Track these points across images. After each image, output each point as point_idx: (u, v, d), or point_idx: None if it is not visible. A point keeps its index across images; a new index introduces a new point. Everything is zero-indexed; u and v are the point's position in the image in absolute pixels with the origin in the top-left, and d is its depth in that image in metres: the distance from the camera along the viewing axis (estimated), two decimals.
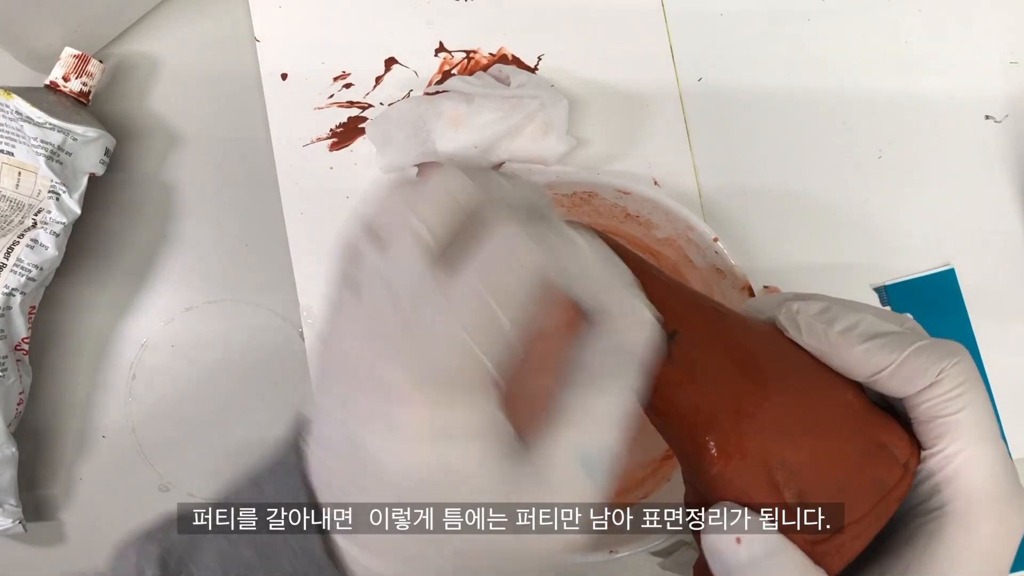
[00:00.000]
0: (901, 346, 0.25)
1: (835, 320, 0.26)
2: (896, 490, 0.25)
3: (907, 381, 0.25)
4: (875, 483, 0.25)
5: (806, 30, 0.48)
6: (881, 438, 0.26)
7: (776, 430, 0.25)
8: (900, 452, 0.26)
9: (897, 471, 0.25)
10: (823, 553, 0.25)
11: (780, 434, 0.25)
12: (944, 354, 0.25)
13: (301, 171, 0.46)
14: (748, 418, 0.25)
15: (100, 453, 0.46)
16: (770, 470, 0.25)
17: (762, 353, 0.27)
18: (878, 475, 0.25)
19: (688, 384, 0.26)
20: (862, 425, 0.26)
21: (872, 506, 0.25)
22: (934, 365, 0.25)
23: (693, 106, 0.47)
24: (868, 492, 0.25)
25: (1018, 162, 0.48)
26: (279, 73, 0.47)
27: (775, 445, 0.25)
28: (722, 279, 0.41)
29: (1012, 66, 0.48)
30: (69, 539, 0.46)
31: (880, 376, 0.25)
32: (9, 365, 0.42)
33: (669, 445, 0.29)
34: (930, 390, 0.25)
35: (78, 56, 0.43)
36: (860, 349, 0.26)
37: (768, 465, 0.25)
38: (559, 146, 0.44)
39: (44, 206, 0.42)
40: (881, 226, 0.47)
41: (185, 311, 0.47)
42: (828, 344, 0.26)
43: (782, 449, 0.25)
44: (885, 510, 0.25)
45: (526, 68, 0.47)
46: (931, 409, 0.25)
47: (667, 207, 0.39)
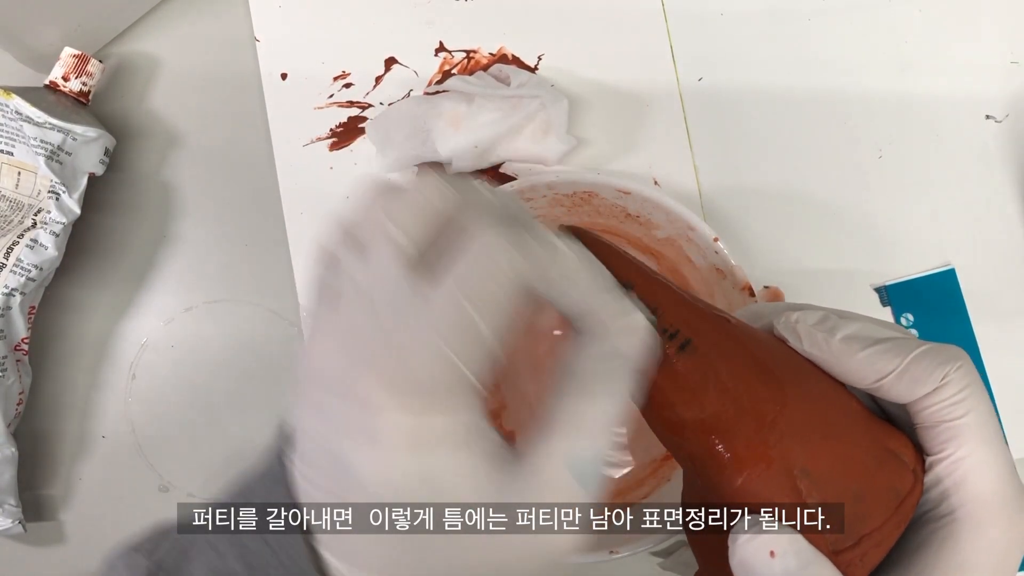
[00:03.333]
0: (903, 351, 0.25)
1: (835, 328, 0.26)
2: (911, 497, 0.25)
3: (911, 386, 0.25)
4: (891, 490, 0.25)
5: (806, 30, 0.48)
6: (891, 445, 0.25)
7: (797, 438, 0.25)
8: (910, 458, 0.25)
9: (908, 477, 0.25)
10: (847, 563, 0.24)
11: (801, 442, 0.25)
12: (946, 358, 0.25)
13: (301, 171, 0.46)
14: (769, 426, 0.25)
15: (100, 453, 0.46)
16: (794, 479, 0.25)
17: (773, 360, 0.27)
18: (892, 482, 0.25)
19: (705, 393, 0.26)
20: (874, 433, 0.26)
21: (891, 513, 0.25)
22: (937, 369, 0.24)
23: (693, 106, 0.47)
24: (885, 499, 0.25)
25: (1018, 162, 0.48)
26: (279, 73, 0.47)
27: (797, 453, 0.25)
28: (722, 279, 0.41)
29: (1012, 66, 0.48)
30: (69, 539, 0.46)
31: (883, 382, 0.25)
32: (9, 365, 0.42)
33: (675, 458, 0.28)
34: (934, 395, 0.25)
35: (78, 56, 0.43)
36: (862, 356, 0.25)
37: (791, 474, 0.25)
38: (559, 146, 0.44)
39: (44, 206, 0.42)
40: (881, 226, 0.47)
41: (185, 311, 0.47)
42: (830, 353, 0.26)
43: (803, 457, 0.25)
44: (903, 517, 0.25)
45: (526, 68, 0.47)
46: (936, 414, 0.25)
47: (667, 207, 0.39)
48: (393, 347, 0.20)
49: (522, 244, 0.22)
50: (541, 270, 0.22)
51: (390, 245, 0.22)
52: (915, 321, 0.47)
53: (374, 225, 0.22)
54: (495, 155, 0.45)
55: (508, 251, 0.21)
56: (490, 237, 0.21)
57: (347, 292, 0.22)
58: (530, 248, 0.22)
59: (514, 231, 0.22)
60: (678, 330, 0.26)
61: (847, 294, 0.47)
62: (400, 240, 0.22)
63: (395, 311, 0.21)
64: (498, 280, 0.21)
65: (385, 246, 0.22)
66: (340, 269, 0.22)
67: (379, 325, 0.21)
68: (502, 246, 0.21)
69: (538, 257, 0.22)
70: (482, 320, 0.21)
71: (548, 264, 0.23)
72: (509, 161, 0.46)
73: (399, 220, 0.22)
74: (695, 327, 0.27)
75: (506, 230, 0.22)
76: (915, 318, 0.47)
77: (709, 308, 0.28)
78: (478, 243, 0.21)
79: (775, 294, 0.47)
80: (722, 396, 0.26)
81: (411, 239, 0.22)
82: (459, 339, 0.20)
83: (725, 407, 0.26)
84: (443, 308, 0.21)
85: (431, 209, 0.22)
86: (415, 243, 0.22)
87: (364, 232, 0.22)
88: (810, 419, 0.25)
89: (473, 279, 0.21)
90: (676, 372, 0.26)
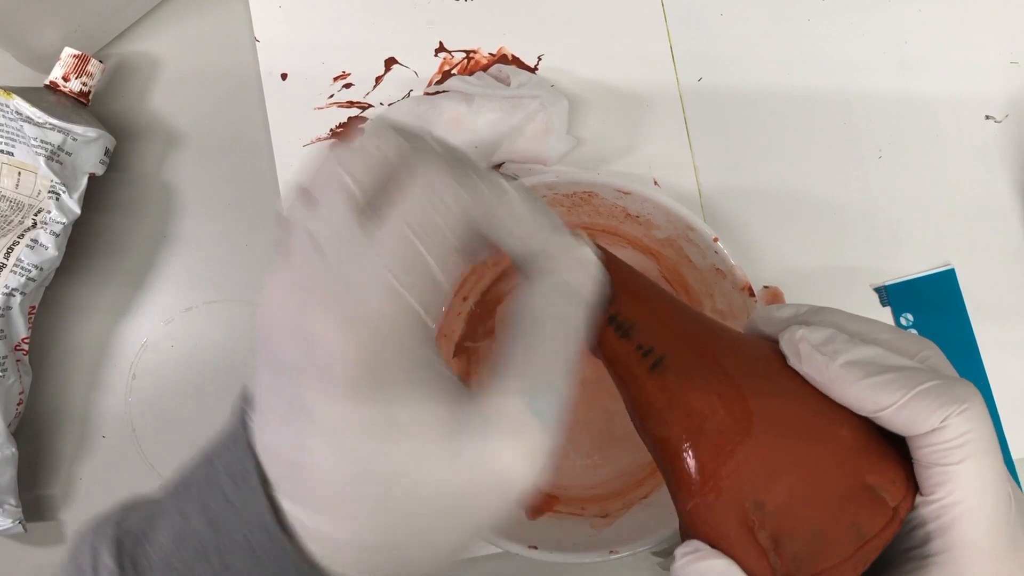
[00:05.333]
0: (906, 386, 0.24)
1: (838, 353, 0.25)
2: (877, 539, 0.24)
3: (908, 424, 0.24)
4: (854, 529, 0.24)
5: (806, 30, 0.48)
6: (871, 480, 0.25)
7: (754, 471, 0.25)
8: (893, 494, 0.24)
9: (881, 518, 0.24)
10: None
11: (758, 475, 0.25)
12: (950, 399, 0.23)
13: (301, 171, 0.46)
14: (727, 455, 0.25)
15: (100, 453, 0.46)
16: (745, 511, 0.24)
17: (752, 384, 0.26)
18: (859, 521, 0.24)
19: (672, 413, 0.26)
20: (851, 466, 0.25)
21: (850, 554, 0.24)
22: (938, 411, 0.23)
23: (693, 106, 0.47)
24: (846, 538, 0.24)
25: (1018, 162, 0.48)
26: (279, 73, 0.47)
27: (751, 486, 0.24)
28: (722, 279, 0.41)
29: (1012, 66, 0.48)
30: (69, 539, 0.46)
31: (882, 414, 0.24)
32: (9, 365, 0.42)
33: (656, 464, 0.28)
34: (932, 435, 0.24)
35: (78, 56, 0.43)
36: (862, 385, 0.24)
37: (742, 506, 0.24)
38: (559, 146, 0.44)
39: (44, 206, 0.42)
40: (881, 226, 0.47)
41: (185, 311, 0.47)
42: (827, 378, 0.25)
43: (758, 490, 0.24)
44: (863, 558, 0.24)
45: (526, 68, 0.47)
46: (931, 455, 0.24)
47: (667, 207, 0.39)
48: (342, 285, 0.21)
49: (467, 182, 0.22)
50: (486, 207, 0.23)
51: (340, 192, 0.22)
52: (915, 321, 0.47)
53: (326, 176, 0.22)
54: (495, 155, 0.45)
55: (452, 186, 0.22)
56: (434, 174, 0.22)
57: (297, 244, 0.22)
58: (476, 186, 0.22)
59: (459, 170, 0.22)
60: (652, 347, 0.26)
61: (847, 294, 0.47)
62: (349, 185, 0.22)
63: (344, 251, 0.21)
64: (443, 213, 0.21)
65: (336, 194, 0.22)
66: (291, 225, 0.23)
67: (328, 267, 0.21)
68: (446, 182, 0.22)
69: (483, 194, 0.23)
70: (428, 253, 0.21)
71: (494, 202, 0.23)
72: (509, 161, 0.46)
73: (350, 169, 0.22)
74: (670, 346, 0.26)
75: (451, 168, 0.22)
76: (915, 318, 0.47)
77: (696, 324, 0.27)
78: (423, 179, 0.22)
79: (775, 294, 0.47)
80: (686, 419, 0.25)
81: (360, 186, 0.22)
82: (407, 272, 0.21)
83: (688, 430, 0.25)
84: (390, 242, 0.21)
85: (381, 157, 0.22)
86: (364, 189, 0.22)
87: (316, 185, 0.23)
88: (775, 452, 0.25)
89: (418, 212, 0.21)
90: (646, 389, 0.26)
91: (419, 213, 0.21)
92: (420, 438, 0.21)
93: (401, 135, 0.23)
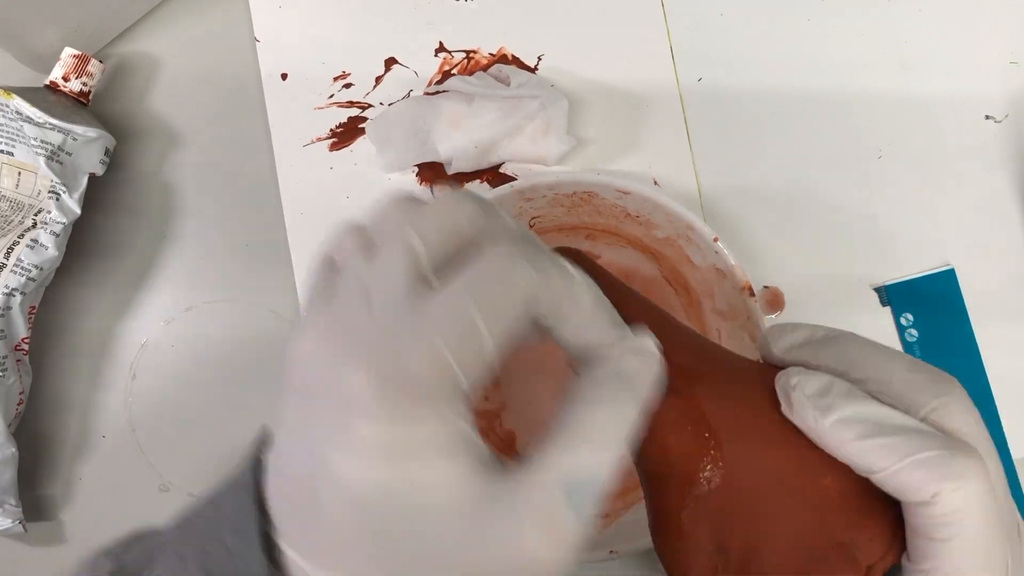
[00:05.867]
0: (898, 453, 0.22)
1: (831, 409, 0.23)
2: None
3: (900, 491, 0.22)
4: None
5: (806, 30, 0.48)
6: (845, 536, 0.23)
7: (721, 515, 0.24)
8: (868, 552, 0.23)
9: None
10: None
11: (725, 520, 0.24)
12: (944, 474, 0.22)
13: (301, 171, 0.46)
14: (694, 500, 0.24)
15: (100, 453, 0.46)
16: (708, 554, 0.24)
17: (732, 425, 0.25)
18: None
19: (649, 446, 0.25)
20: (826, 521, 0.24)
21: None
22: (930, 485, 0.22)
23: (693, 106, 0.47)
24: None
25: (1018, 162, 0.48)
26: (279, 73, 0.47)
27: (717, 530, 0.24)
28: (722, 279, 0.41)
29: (1012, 66, 0.48)
30: (69, 539, 0.46)
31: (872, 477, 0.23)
32: (9, 365, 0.42)
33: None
34: (922, 507, 0.22)
35: (78, 56, 0.43)
36: (852, 447, 0.23)
37: (706, 549, 0.24)
38: (559, 146, 0.44)
39: (44, 206, 0.42)
40: (881, 226, 0.47)
41: (185, 311, 0.47)
42: (817, 433, 0.23)
43: (723, 535, 0.24)
44: None
45: (526, 68, 0.47)
46: (919, 525, 0.22)
47: (667, 207, 0.39)
48: (387, 343, 0.20)
49: (540, 264, 0.21)
50: (554, 292, 0.22)
51: (404, 248, 0.21)
52: (915, 321, 0.47)
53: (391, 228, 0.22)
54: (495, 155, 0.45)
55: (525, 266, 0.21)
56: (509, 250, 0.21)
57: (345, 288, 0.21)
58: (547, 270, 0.22)
59: (532, 251, 0.22)
60: None
61: (847, 294, 0.47)
62: (417, 247, 0.21)
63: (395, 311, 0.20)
64: (508, 290, 0.21)
65: (398, 248, 0.21)
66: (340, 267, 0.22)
67: (374, 321, 0.20)
68: (520, 261, 0.21)
69: (553, 280, 0.22)
70: (485, 326, 0.20)
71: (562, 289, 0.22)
72: (509, 161, 0.46)
73: (420, 229, 0.21)
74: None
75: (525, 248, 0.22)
76: (915, 318, 0.47)
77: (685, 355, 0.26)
78: (494, 252, 0.21)
79: (775, 294, 0.47)
80: (661, 454, 0.25)
81: (428, 249, 0.21)
82: (460, 342, 0.20)
83: (661, 466, 0.25)
84: (447, 309, 0.20)
85: (454, 228, 0.22)
86: (431, 254, 0.21)
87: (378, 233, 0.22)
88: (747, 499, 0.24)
89: (483, 284, 0.21)
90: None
91: (486, 285, 0.21)
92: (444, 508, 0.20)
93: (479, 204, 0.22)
